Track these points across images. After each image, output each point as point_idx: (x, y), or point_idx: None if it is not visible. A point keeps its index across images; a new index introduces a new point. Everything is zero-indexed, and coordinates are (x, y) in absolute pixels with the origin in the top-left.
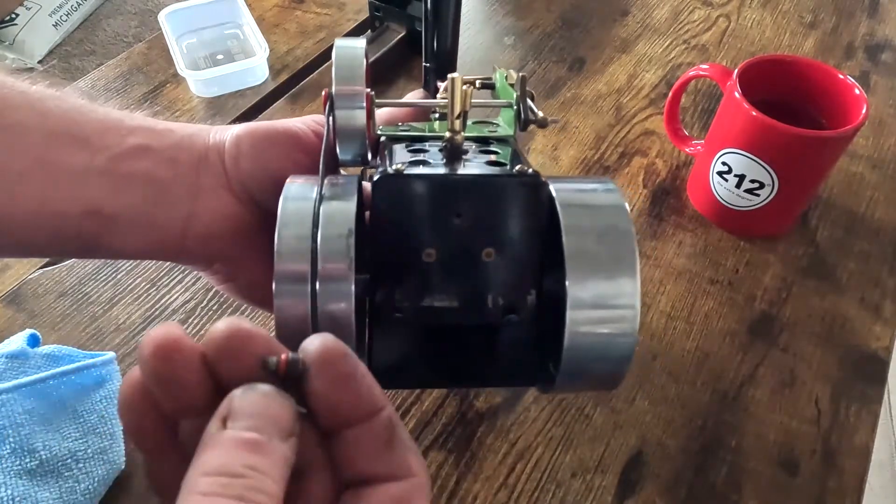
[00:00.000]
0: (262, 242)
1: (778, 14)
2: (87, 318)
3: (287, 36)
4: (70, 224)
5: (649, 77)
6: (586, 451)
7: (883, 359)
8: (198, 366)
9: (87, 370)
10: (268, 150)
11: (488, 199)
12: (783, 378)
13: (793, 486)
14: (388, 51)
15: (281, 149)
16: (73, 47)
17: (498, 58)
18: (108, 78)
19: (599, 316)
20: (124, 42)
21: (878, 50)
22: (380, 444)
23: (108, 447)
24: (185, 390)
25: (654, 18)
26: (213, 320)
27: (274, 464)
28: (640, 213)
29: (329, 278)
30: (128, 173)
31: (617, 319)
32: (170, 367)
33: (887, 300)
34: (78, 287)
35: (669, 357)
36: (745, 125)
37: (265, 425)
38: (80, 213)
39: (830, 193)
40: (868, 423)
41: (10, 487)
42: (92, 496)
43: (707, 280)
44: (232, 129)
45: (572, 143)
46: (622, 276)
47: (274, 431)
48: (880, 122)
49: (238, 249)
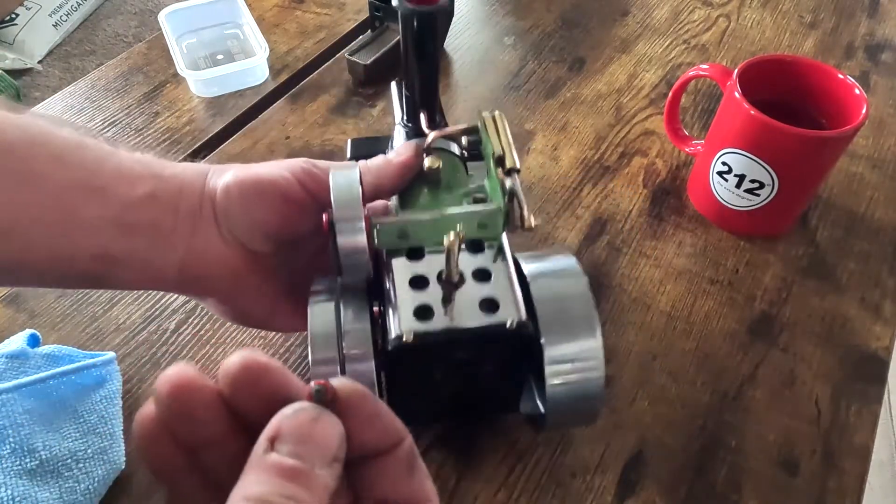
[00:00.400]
0: (249, 280)
1: (778, 14)
2: (87, 318)
3: (287, 36)
4: (79, 266)
5: (649, 77)
6: (586, 451)
7: (883, 359)
8: (214, 403)
9: (87, 370)
10: (255, 202)
11: (485, 349)
12: (783, 378)
13: (793, 486)
14: (388, 51)
15: (266, 202)
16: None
17: (498, 58)
18: (108, 78)
19: (571, 367)
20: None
21: (878, 50)
22: (402, 472)
23: (108, 447)
24: (204, 426)
25: (654, 18)
26: (213, 320)
27: (314, 493)
28: (640, 213)
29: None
30: (135, 222)
31: (585, 369)
32: (187, 407)
33: (887, 300)
34: None
35: (669, 357)
36: (745, 125)
37: (310, 451)
38: (90, 256)
39: (830, 193)
40: (868, 423)
41: (10, 487)
42: (92, 496)
43: (707, 280)
44: (225, 176)
45: (572, 143)
46: (585, 334)
47: (317, 458)
48: (880, 122)
49: (227, 286)
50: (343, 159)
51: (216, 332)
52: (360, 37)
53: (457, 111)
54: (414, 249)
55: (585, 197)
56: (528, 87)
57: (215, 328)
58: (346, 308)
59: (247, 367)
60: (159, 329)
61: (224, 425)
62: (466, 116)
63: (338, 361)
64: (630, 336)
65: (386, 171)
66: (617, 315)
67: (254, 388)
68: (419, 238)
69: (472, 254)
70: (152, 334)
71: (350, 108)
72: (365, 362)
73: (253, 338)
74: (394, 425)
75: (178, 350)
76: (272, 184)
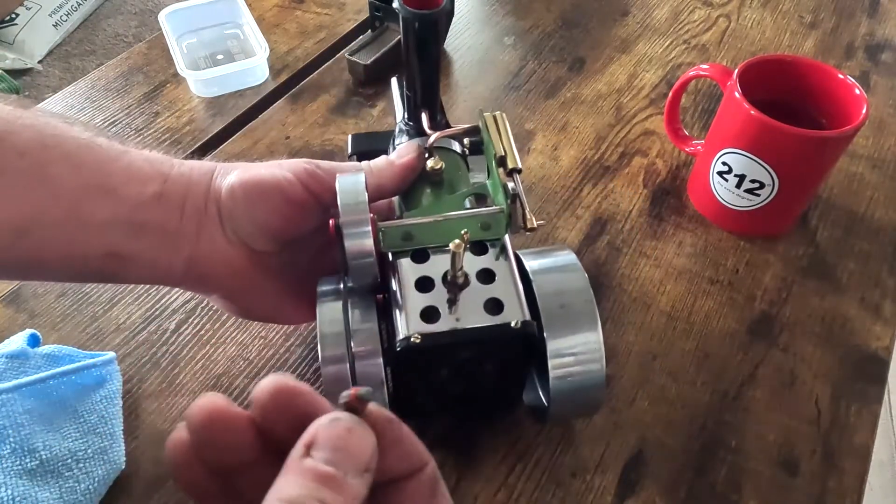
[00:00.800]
0: (253, 278)
1: (778, 14)
2: (87, 318)
3: (287, 36)
4: (92, 265)
5: (649, 77)
6: (586, 451)
7: (883, 359)
8: (245, 429)
9: (87, 370)
10: (258, 204)
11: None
12: (783, 378)
13: (793, 486)
14: (388, 51)
15: (269, 204)
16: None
17: (498, 58)
18: (108, 78)
19: (573, 360)
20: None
21: (878, 50)
22: (425, 495)
23: (109, 447)
24: (236, 452)
25: (654, 18)
26: (213, 320)
27: (345, 499)
28: (641, 213)
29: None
30: (144, 221)
31: (587, 361)
32: (219, 434)
33: (887, 300)
34: (78, 287)
35: (669, 357)
36: (745, 125)
37: (344, 460)
38: (102, 255)
39: (830, 193)
40: (868, 423)
41: (10, 487)
42: (92, 496)
43: (707, 280)
44: (230, 177)
45: (572, 143)
46: (587, 328)
47: (350, 466)
48: (880, 123)
49: (231, 284)
50: (343, 160)
51: (216, 332)
52: (361, 37)
53: (457, 111)
54: (419, 251)
55: (585, 197)
56: (528, 87)
57: (215, 328)
58: (353, 308)
59: (278, 391)
60: (159, 329)
61: (256, 451)
62: (467, 116)
63: (347, 360)
64: (630, 336)
65: (388, 173)
66: (617, 315)
67: (284, 412)
68: (424, 240)
69: (476, 254)
70: (152, 334)
71: (350, 108)
72: (373, 360)
73: (253, 338)
74: (417, 450)
75: (178, 350)
76: (276, 186)
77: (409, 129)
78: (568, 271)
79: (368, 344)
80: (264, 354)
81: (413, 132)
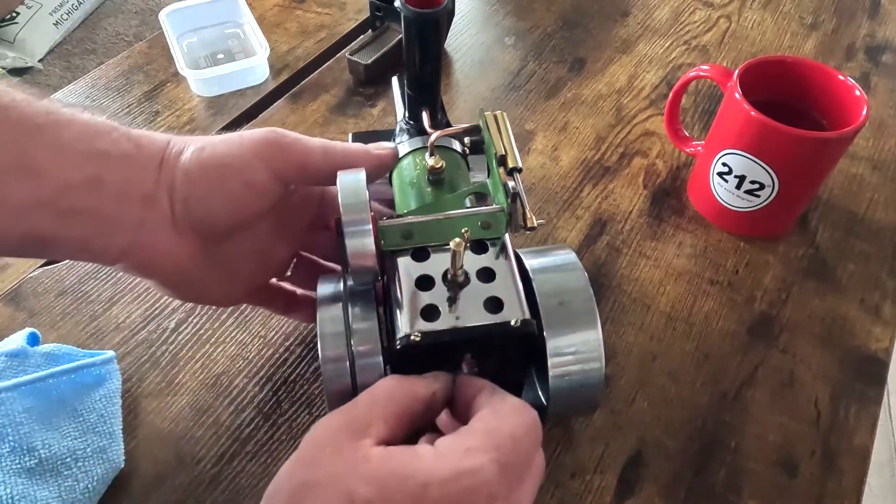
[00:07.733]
0: (196, 266)
1: (779, 15)
2: (86, 317)
3: (288, 35)
4: (10, 246)
5: (650, 78)
6: (586, 451)
7: (882, 360)
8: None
9: (86, 369)
10: (216, 190)
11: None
12: (783, 379)
13: (792, 487)
14: (389, 51)
15: (229, 191)
16: (73, 46)
17: (498, 58)
18: (108, 77)
19: (573, 358)
20: (125, 41)
21: (878, 51)
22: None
23: (108, 446)
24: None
25: (654, 19)
26: (212, 319)
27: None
28: (641, 213)
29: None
30: (72, 206)
31: (587, 359)
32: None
33: (887, 301)
34: (78, 286)
35: (669, 357)
36: (745, 126)
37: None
38: (20, 237)
39: (830, 194)
40: (868, 423)
41: (9, 486)
42: (91, 495)
43: (707, 281)
44: (184, 157)
45: (573, 143)
46: (586, 326)
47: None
48: (881, 124)
49: (172, 273)
50: None
51: (216, 331)
52: (361, 36)
53: (457, 111)
54: (419, 249)
55: (585, 197)
56: (528, 88)
57: (215, 327)
58: (353, 307)
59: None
60: (159, 328)
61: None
62: (467, 116)
63: (347, 359)
64: (630, 336)
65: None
66: (617, 315)
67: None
68: (424, 238)
69: (476, 253)
70: (152, 333)
71: (350, 108)
72: (373, 359)
73: (253, 337)
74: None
75: (178, 349)
76: (237, 171)
77: (410, 128)
78: (568, 270)
79: (368, 343)
80: (264, 354)
81: (414, 131)
